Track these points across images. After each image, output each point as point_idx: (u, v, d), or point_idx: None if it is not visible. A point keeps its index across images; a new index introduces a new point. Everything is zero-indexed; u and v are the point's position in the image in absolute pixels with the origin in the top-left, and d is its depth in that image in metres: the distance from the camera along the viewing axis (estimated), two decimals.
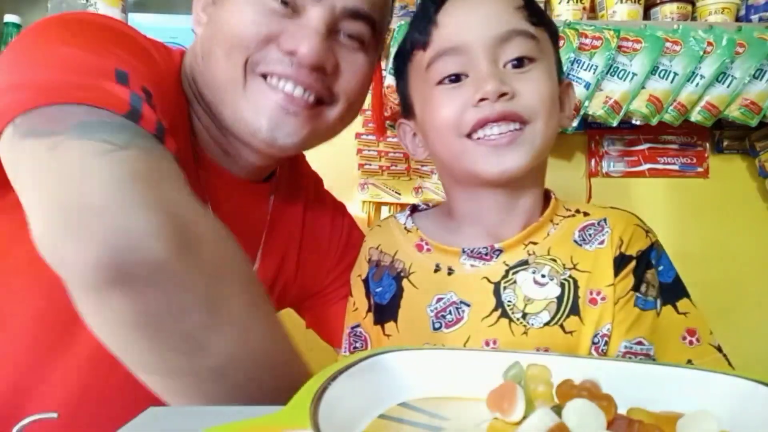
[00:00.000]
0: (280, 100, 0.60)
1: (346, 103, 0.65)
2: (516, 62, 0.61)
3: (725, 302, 1.47)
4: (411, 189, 1.47)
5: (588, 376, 0.37)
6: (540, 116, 0.60)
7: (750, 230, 1.49)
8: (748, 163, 1.50)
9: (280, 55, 0.60)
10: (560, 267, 0.62)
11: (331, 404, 0.30)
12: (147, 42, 0.61)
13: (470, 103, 0.60)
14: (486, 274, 0.63)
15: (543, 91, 0.61)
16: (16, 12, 1.41)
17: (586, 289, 0.61)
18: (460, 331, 0.62)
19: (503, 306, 0.61)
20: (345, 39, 0.63)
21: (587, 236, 0.64)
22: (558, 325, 0.60)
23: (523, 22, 0.62)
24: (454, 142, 0.62)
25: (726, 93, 1.31)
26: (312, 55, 0.59)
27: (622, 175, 1.50)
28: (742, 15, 1.40)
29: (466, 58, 0.61)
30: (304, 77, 0.60)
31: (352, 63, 0.64)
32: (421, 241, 0.68)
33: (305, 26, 0.59)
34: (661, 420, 0.35)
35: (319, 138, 0.67)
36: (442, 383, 0.42)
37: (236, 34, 0.60)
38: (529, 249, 0.64)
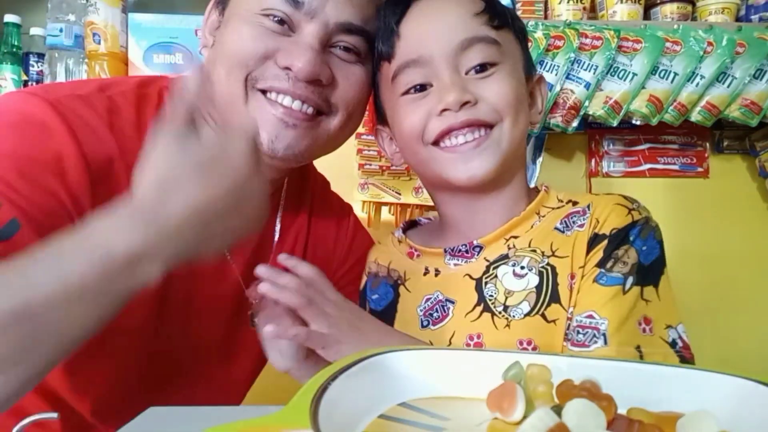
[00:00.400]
0: (279, 114, 0.63)
1: (345, 112, 0.67)
2: (478, 68, 0.62)
3: (724, 302, 1.47)
4: (411, 189, 1.47)
5: (588, 376, 0.37)
6: (505, 118, 0.61)
7: (750, 230, 1.49)
8: (748, 163, 1.50)
9: (277, 71, 0.62)
10: (539, 256, 0.62)
11: (331, 404, 0.31)
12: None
13: (434, 112, 0.61)
14: (468, 271, 0.65)
15: (506, 93, 0.62)
16: (16, 12, 1.41)
17: (564, 275, 0.60)
18: (445, 328, 0.64)
19: (485, 300, 0.63)
20: (341, 52, 0.65)
21: (570, 223, 0.64)
22: (539, 314, 0.60)
23: (482, 28, 0.62)
24: (420, 151, 0.64)
25: (726, 93, 1.30)
26: (307, 69, 0.61)
27: (622, 175, 1.50)
28: (742, 15, 1.40)
29: (429, 69, 0.62)
30: (301, 90, 0.62)
31: (348, 74, 0.66)
32: (410, 249, 0.71)
33: (300, 42, 0.62)
34: (660, 420, 0.35)
35: (321, 148, 0.69)
36: (442, 383, 0.42)
37: (236, 52, 0.63)
38: (509, 243, 0.65)
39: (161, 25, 1.30)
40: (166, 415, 0.45)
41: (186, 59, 1.31)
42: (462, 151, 0.61)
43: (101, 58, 1.27)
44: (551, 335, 0.59)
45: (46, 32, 1.33)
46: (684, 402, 0.36)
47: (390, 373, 0.41)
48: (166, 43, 1.30)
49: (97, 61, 1.28)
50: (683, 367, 0.43)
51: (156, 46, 1.30)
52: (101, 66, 1.27)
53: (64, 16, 1.31)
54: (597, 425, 0.32)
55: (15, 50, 1.39)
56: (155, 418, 0.44)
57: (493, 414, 0.38)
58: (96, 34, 1.27)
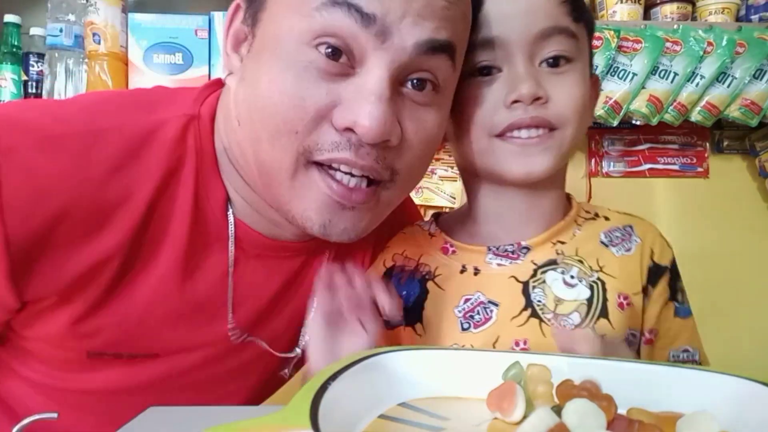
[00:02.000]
0: (336, 195, 0.51)
1: (408, 178, 0.56)
2: (551, 61, 0.58)
3: (725, 302, 1.47)
4: None
5: (588, 376, 0.37)
6: (570, 124, 0.58)
7: (750, 230, 1.49)
8: (748, 163, 1.50)
9: (336, 137, 0.49)
10: (587, 269, 0.62)
11: (331, 404, 0.30)
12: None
13: (502, 102, 0.57)
14: (513, 273, 0.62)
15: (576, 98, 0.59)
16: (16, 12, 1.41)
17: (614, 292, 0.61)
18: (489, 331, 0.60)
19: (533, 306, 0.60)
20: (414, 91, 0.51)
21: (614, 239, 0.64)
22: (589, 327, 0.59)
23: (565, 18, 0.58)
24: (481, 140, 0.60)
25: (726, 93, 1.31)
26: (375, 131, 0.47)
27: (622, 175, 1.50)
28: (742, 15, 1.40)
29: (502, 52, 0.58)
30: (365, 159, 0.49)
31: (419, 129, 0.52)
32: (445, 244, 0.66)
33: (364, 90, 0.47)
34: (660, 420, 0.35)
35: (379, 221, 0.59)
36: (442, 383, 0.42)
37: (279, 113, 0.48)
38: (557, 248, 0.63)
39: (161, 25, 1.30)
40: (166, 415, 0.45)
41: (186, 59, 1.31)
42: (523, 145, 0.58)
43: (101, 58, 1.27)
44: (598, 349, 0.60)
45: (46, 32, 1.33)
46: (684, 402, 0.36)
47: (390, 373, 0.41)
48: (166, 43, 1.31)
49: (97, 61, 1.28)
50: (683, 367, 0.43)
51: (156, 46, 1.30)
52: (101, 66, 1.27)
53: (64, 16, 1.31)
54: (597, 425, 0.32)
55: (15, 50, 1.39)
56: (155, 418, 0.44)
57: (493, 414, 0.38)
58: (96, 34, 1.27)
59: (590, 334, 0.49)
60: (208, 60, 1.32)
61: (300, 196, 0.51)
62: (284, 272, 0.64)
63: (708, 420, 0.32)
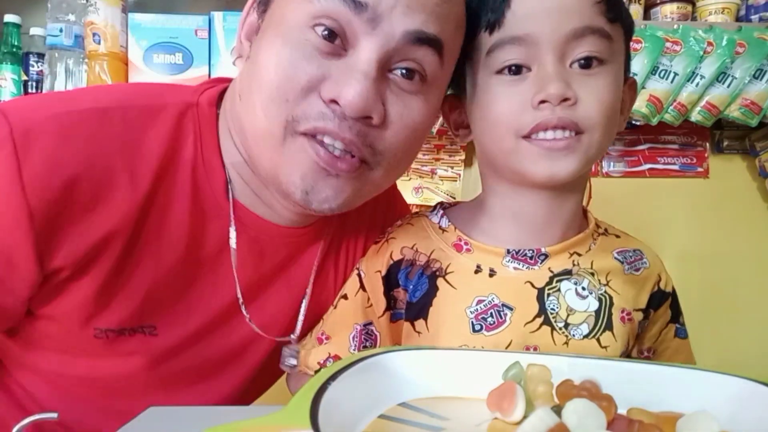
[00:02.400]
0: (321, 160, 0.53)
1: (392, 162, 0.57)
2: (583, 62, 0.56)
3: (725, 302, 1.47)
4: (411, 189, 1.47)
5: (588, 376, 0.37)
6: (598, 128, 0.57)
7: (750, 230, 1.49)
8: (748, 163, 1.50)
9: (322, 107, 0.52)
10: (596, 282, 0.63)
11: (331, 404, 0.30)
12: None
13: (529, 102, 0.56)
14: (530, 278, 0.61)
15: (606, 101, 0.57)
16: (16, 12, 1.41)
17: (618, 307, 0.62)
18: (502, 335, 0.60)
19: (546, 313, 0.60)
20: (401, 79, 0.54)
21: (627, 258, 0.66)
22: (595, 338, 0.61)
23: (599, 18, 0.57)
24: (506, 140, 0.58)
25: (726, 93, 1.31)
26: (357, 103, 0.50)
27: (622, 175, 1.50)
28: (742, 15, 1.40)
29: (533, 51, 0.56)
30: (346, 132, 0.52)
31: (404, 114, 0.55)
32: (459, 241, 0.65)
33: (352, 67, 0.51)
34: (660, 420, 0.35)
35: (362, 199, 0.60)
36: (442, 383, 0.42)
37: (273, 81, 0.52)
38: (574, 259, 0.63)
39: (161, 25, 1.30)
40: (166, 415, 0.45)
41: (186, 59, 1.31)
42: (549, 148, 0.56)
43: (101, 58, 1.27)
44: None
45: (46, 32, 1.33)
46: (684, 402, 0.36)
47: (390, 373, 0.41)
48: (166, 43, 1.31)
49: (97, 61, 1.28)
50: (683, 367, 0.43)
51: (156, 46, 1.30)
52: (101, 66, 1.27)
53: (64, 16, 1.31)
54: (597, 425, 0.32)
55: (15, 50, 1.39)
56: (155, 418, 0.44)
57: (493, 414, 0.38)
58: (96, 34, 1.27)
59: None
60: (208, 60, 1.32)
61: (287, 162, 0.54)
62: (279, 255, 0.66)
63: (708, 420, 0.32)
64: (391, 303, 0.66)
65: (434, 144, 1.49)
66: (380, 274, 0.66)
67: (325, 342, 0.66)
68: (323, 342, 0.67)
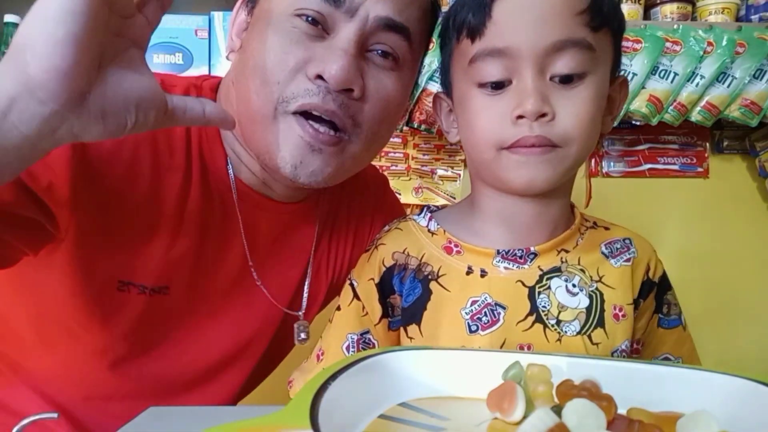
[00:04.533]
0: (307, 137, 0.59)
1: (369, 133, 0.63)
2: (564, 77, 0.57)
3: (725, 302, 1.47)
4: (411, 189, 1.47)
5: (588, 376, 0.37)
6: (574, 143, 0.57)
7: (750, 230, 1.49)
8: (748, 163, 1.50)
9: (308, 84, 0.58)
10: (588, 279, 0.63)
11: (331, 404, 0.30)
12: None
13: (508, 116, 0.57)
14: (521, 277, 0.62)
15: (584, 116, 0.57)
16: (16, 12, 1.41)
17: (610, 303, 0.62)
18: (496, 334, 0.60)
19: (538, 311, 0.61)
20: (377, 57, 0.61)
21: (614, 250, 0.66)
22: (587, 335, 0.61)
23: (581, 29, 0.56)
24: (489, 152, 0.60)
25: (726, 93, 1.31)
26: (340, 76, 0.56)
27: (622, 175, 1.50)
28: (742, 15, 1.40)
29: (513, 63, 0.57)
30: (330, 104, 0.58)
31: (380, 87, 0.61)
32: (449, 243, 0.65)
33: (334, 47, 0.58)
34: (660, 420, 0.35)
35: (346, 173, 0.65)
36: (442, 383, 0.42)
37: (264, 65, 0.58)
38: (561, 256, 0.63)
39: (161, 25, 1.28)
40: (166, 415, 0.45)
41: (186, 59, 1.31)
42: (527, 155, 0.57)
43: None
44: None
45: None
46: (684, 402, 0.36)
47: (390, 373, 0.41)
48: (166, 43, 1.31)
49: None
50: (683, 367, 0.43)
51: (156, 46, 1.30)
52: None
53: None
54: (597, 425, 0.32)
55: None
56: (155, 418, 0.44)
57: (493, 414, 0.38)
58: None
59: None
60: (208, 60, 1.32)
61: (278, 140, 0.60)
62: (278, 228, 0.72)
63: (708, 419, 0.32)
64: (387, 310, 0.66)
65: (434, 144, 1.49)
66: (374, 281, 0.66)
67: (321, 358, 0.67)
68: (320, 359, 0.67)
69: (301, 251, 0.75)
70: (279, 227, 0.72)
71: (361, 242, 0.80)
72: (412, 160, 1.49)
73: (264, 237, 0.71)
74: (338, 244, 0.78)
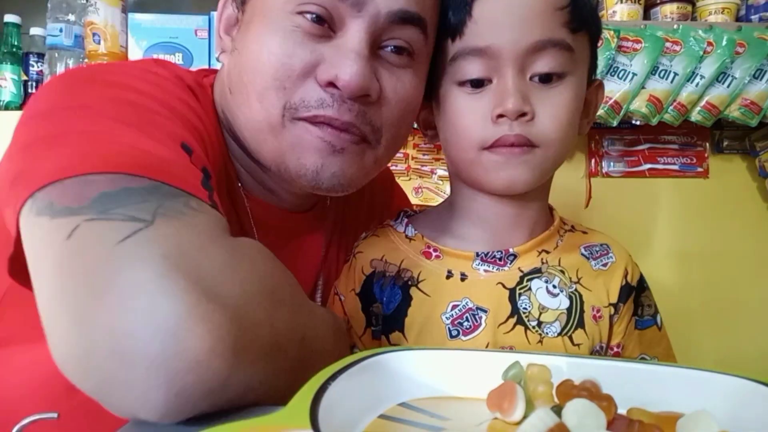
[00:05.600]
0: (327, 137, 0.54)
1: (389, 136, 0.59)
2: (544, 76, 0.57)
3: (725, 302, 1.47)
4: (411, 189, 1.47)
5: (588, 376, 0.37)
6: (553, 144, 0.58)
7: (750, 230, 1.49)
8: (748, 163, 1.50)
9: (320, 93, 0.53)
10: (567, 280, 0.63)
11: (331, 404, 0.30)
12: (179, 84, 0.55)
13: (489, 116, 0.57)
14: (501, 279, 0.62)
15: (563, 117, 0.58)
16: (16, 12, 1.41)
17: (589, 305, 0.63)
18: (478, 338, 0.60)
19: (519, 313, 0.61)
20: (391, 54, 0.56)
21: (593, 253, 0.66)
22: (567, 336, 0.61)
23: (561, 30, 0.57)
24: (469, 152, 0.60)
25: (726, 93, 1.31)
26: (355, 82, 0.51)
27: (622, 175, 1.50)
28: (742, 15, 1.40)
29: (493, 63, 0.57)
30: (346, 115, 0.53)
31: (397, 87, 0.57)
32: (428, 249, 0.65)
33: (344, 48, 0.52)
34: (660, 420, 0.35)
35: (367, 176, 0.61)
36: (442, 383, 0.42)
37: (268, 71, 0.53)
38: (542, 257, 0.64)
39: (161, 25, 1.31)
40: None
41: (186, 59, 1.31)
42: (507, 155, 0.58)
43: (101, 58, 1.27)
44: None
45: (46, 32, 1.33)
46: (684, 402, 0.36)
47: (390, 373, 0.41)
48: (166, 43, 1.31)
49: (97, 61, 1.28)
50: (683, 367, 0.43)
51: (156, 46, 1.30)
52: None
53: (64, 16, 1.31)
54: (597, 425, 0.32)
55: (15, 50, 1.39)
56: None
57: (493, 414, 0.38)
58: (96, 34, 1.27)
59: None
60: (208, 60, 1.32)
61: (292, 147, 0.54)
62: (285, 239, 0.67)
63: (707, 420, 0.32)
64: (371, 319, 0.65)
65: (434, 144, 1.49)
66: (354, 291, 0.66)
67: None
68: None
69: (311, 261, 0.71)
70: (286, 237, 0.68)
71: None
72: (412, 160, 1.49)
73: (272, 248, 0.68)
74: (348, 251, 0.75)
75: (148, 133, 0.44)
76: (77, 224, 0.36)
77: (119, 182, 0.38)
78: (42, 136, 0.44)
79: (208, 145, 0.54)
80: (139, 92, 0.49)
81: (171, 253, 0.35)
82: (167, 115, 0.48)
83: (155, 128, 0.46)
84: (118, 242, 0.34)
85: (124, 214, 0.36)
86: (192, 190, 0.42)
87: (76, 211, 0.36)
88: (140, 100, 0.48)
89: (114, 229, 0.35)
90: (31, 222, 0.39)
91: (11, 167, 0.44)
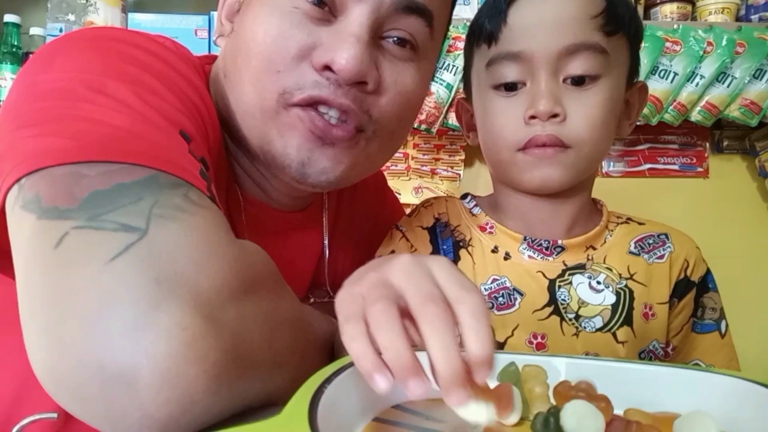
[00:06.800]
0: (318, 129, 0.51)
1: (386, 131, 0.55)
2: (577, 79, 0.58)
3: (725, 302, 1.46)
4: (411, 189, 1.47)
5: (583, 377, 0.37)
6: (585, 145, 0.58)
7: (750, 230, 1.49)
8: (748, 163, 1.50)
9: (315, 76, 0.50)
10: (616, 276, 0.63)
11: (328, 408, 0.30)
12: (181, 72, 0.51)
13: (522, 117, 0.58)
14: (542, 268, 0.63)
15: (596, 117, 0.58)
16: (16, 12, 1.41)
17: (641, 302, 0.62)
18: (510, 317, 0.61)
19: (557, 303, 0.61)
20: (393, 46, 0.53)
21: (645, 246, 0.65)
22: (611, 332, 0.61)
23: (595, 34, 0.57)
24: (504, 153, 0.61)
25: (726, 93, 1.31)
26: (352, 66, 0.48)
27: (621, 175, 1.50)
28: (742, 15, 1.40)
29: (527, 66, 0.58)
30: (342, 98, 0.50)
31: (398, 80, 0.53)
32: (485, 224, 0.67)
33: (343, 32, 0.49)
34: (657, 421, 0.35)
35: (358, 174, 0.58)
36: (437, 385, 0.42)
37: (262, 52, 0.50)
38: (588, 253, 0.64)
39: (161, 25, 1.30)
40: None
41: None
42: (539, 156, 0.59)
43: None
44: (618, 355, 0.60)
45: (46, 32, 1.33)
46: (681, 402, 0.36)
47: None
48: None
49: None
50: (680, 367, 0.43)
51: None
52: None
53: (64, 16, 1.31)
54: (596, 426, 0.32)
55: (15, 50, 1.39)
56: None
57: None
58: None
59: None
60: None
61: (281, 134, 0.52)
62: (278, 239, 0.64)
63: (705, 420, 0.32)
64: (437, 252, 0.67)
65: (434, 144, 1.49)
66: (421, 227, 0.68)
67: None
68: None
69: (305, 261, 0.69)
70: (280, 236, 0.65)
71: (364, 248, 0.74)
72: (411, 160, 1.49)
73: (265, 248, 0.66)
74: (345, 252, 0.74)
75: (146, 117, 0.42)
76: (66, 231, 0.33)
77: (112, 177, 0.36)
78: (36, 109, 0.41)
79: (210, 131, 0.51)
80: (143, 66, 0.46)
81: (165, 277, 0.32)
82: (170, 98, 0.46)
83: (154, 110, 0.43)
84: (107, 262, 0.32)
85: (115, 222, 0.34)
86: (191, 180, 0.39)
87: (64, 213, 0.34)
88: (142, 76, 0.45)
89: (104, 243, 0.33)
90: (17, 214, 0.36)
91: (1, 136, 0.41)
